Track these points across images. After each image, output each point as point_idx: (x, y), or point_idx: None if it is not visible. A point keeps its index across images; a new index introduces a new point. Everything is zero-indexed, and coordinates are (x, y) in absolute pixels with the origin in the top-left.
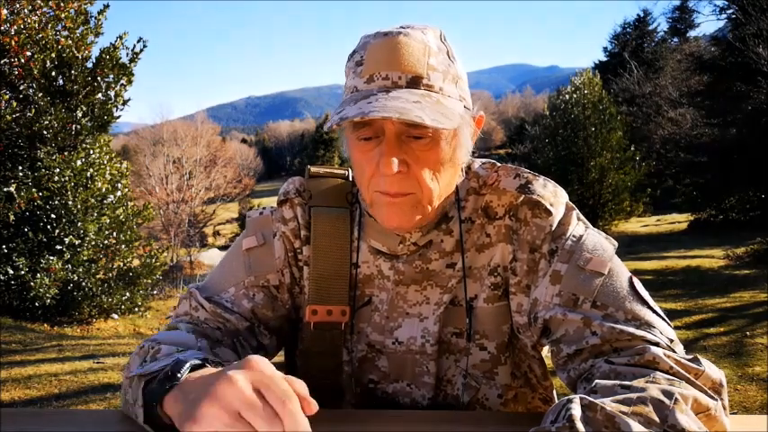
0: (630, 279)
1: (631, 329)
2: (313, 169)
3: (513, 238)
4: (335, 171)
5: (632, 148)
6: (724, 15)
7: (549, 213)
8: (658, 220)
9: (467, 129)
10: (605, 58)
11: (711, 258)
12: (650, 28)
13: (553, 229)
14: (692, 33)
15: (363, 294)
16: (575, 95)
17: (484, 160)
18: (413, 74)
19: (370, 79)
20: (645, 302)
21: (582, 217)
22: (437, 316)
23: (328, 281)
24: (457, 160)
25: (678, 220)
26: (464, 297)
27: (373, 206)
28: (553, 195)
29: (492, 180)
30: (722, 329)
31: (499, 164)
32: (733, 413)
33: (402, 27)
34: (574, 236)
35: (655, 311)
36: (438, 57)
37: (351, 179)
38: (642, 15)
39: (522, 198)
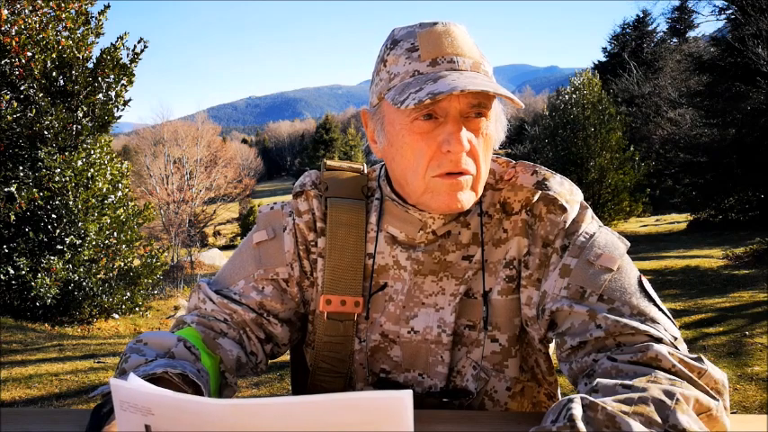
0: (639, 278)
1: (636, 324)
2: (329, 162)
3: (528, 233)
4: (351, 165)
5: (632, 149)
6: (723, 16)
7: (564, 210)
8: (657, 220)
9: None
10: (605, 59)
11: (711, 258)
12: (650, 28)
13: (567, 225)
14: (691, 34)
15: (378, 285)
16: (574, 96)
17: (495, 156)
18: (473, 59)
19: (434, 62)
20: (652, 300)
21: (595, 216)
22: (453, 307)
23: (343, 271)
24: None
25: (677, 220)
26: (481, 289)
27: (427, 192)
28: (569, 193)
29: (509, 176)
30: (721, 329)
31: (513, 160)
32: (732, 413)
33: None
34: (586, 233)
35: (661, 309)
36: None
37: (366, 173)
38: (641, 16)
39: (538, 194)
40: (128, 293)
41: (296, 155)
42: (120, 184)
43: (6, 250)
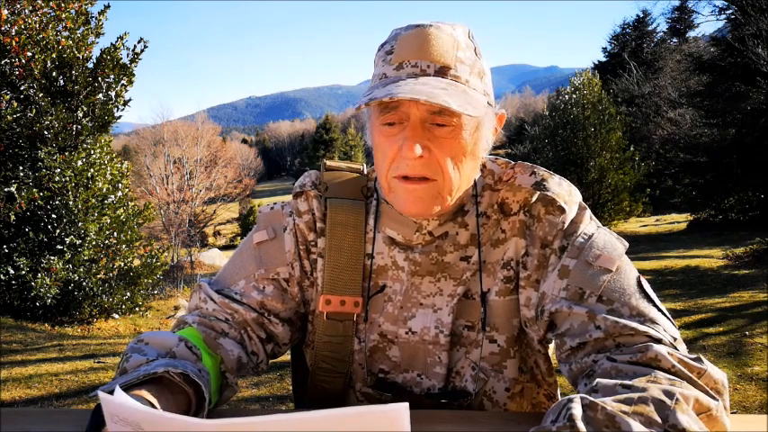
0: (638, 278)
1: (635, 324)
2: (329, 163)
3: (526, 234)
4: (351, 165)
5: (632, 149)
6: (723, 16)
7: (563, 211)
8: (657, 220)
9: (489, 123)
10: (605, 59)
11: (711, 258)
12: (650, 28)
13: (565, 226)
14: (691, 34)
15: (377, 285)
16: (574, 96)
17: (495, 157)
18: (441, 63)
19: (399, 66)
20: (651, 300)
21: (594, 217)
22: (451, 307)
23: (343, 271)
24: (478, 153)
25: (677, 220)
26: (478, 290)
27: (391, 192)
28: (567, 194)
29: (508, 176)
30: (721, 329)
31: (512, 161)
32: (732, 413)
33: (433, 22)
34: (585, 233)
35: (660, 310)
36: (466, 51)
37: (366, 173)
38: (641, 16)
39: (536, 195)
40: (128, 293)
41: (296, 155)
42: (120, 184)
43: (6, 250)
